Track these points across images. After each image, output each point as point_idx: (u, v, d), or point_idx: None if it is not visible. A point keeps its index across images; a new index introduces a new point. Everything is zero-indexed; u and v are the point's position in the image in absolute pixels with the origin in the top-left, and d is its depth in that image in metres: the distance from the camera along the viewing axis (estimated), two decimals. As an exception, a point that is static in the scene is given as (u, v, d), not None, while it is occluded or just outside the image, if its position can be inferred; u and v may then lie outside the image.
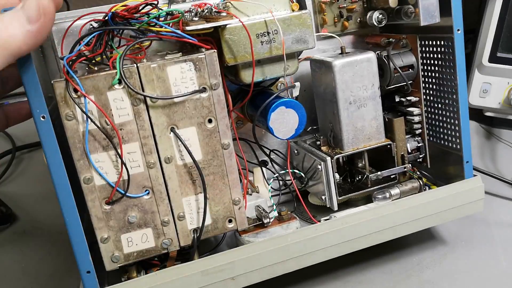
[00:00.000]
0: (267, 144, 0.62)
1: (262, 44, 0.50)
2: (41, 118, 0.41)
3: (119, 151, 0.44)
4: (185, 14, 0.48)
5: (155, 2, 0.47)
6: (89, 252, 0.45)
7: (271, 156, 0.61)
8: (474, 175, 0.55)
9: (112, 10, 0.49)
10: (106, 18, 0.49)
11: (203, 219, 0.48)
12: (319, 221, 0.55)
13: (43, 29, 0.37)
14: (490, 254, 0.59)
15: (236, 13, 0.49)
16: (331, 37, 0.60)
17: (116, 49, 0.49)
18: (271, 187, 0.60)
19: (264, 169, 0.61)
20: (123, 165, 0.44)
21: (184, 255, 0.51)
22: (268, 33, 0.50)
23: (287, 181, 0.61)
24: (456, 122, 0.55)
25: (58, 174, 0.42)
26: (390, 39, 0.57)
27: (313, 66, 0.57)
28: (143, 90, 0.44)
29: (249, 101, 0.57)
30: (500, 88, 0.76)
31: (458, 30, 0.51)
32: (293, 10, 0.52)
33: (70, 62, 0.43)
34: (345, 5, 0.60)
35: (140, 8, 0.46)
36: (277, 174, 0.59)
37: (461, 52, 0.52)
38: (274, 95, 0.53)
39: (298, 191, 0.57)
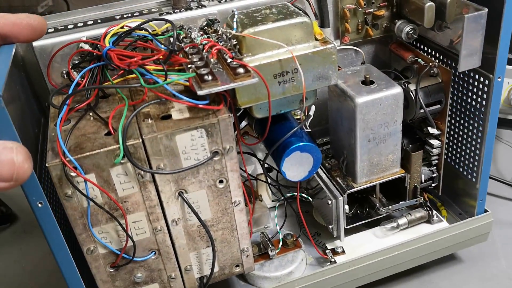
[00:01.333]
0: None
1: (279, 84, 0.44)
2: (39, 205, 0.37)
3: (122, 222, 0.41)
4: (194, 59, 0.41)
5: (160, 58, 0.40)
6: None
7: (277, 174, 0.58)
8: (486, 211, 0.54)
9: (107, 43, 0.42)
10: (99, 48, 0.43)
11: (211, 271, 0.46)
12: (324, 250, 0.54)
13: (7, 189, 0.32)
14: (490, 254, 0.60)
15: (251, 51, 0.42)
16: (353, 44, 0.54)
17: (112, 81, 0.43)
18: (273, 193, 0.58)
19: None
20: (128, 237, 0.41)
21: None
22: (287, 72, 0.44)
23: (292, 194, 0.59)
24: (478, 158, 0.52)
25: (62, 255, 0.40)
26: (419, 59, 0.51)
27: (331, 87, 0.52)
28: (149, 161, 0.39)
29: (258, 120, 0.53)
30: None
31: (499, 78, 0.45)
32: (316, 39, 0.45)
33: (64, 132, 0.38)
34: (372, 10, 0.52)
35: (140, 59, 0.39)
36: (283, 198, 0.56)
37: (498, 98, 0.47)
38: (290, 134, 0.48)
39: (303, 218, 0.55)
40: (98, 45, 0.43)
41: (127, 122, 0.38)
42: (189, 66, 0.40)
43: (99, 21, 0.48)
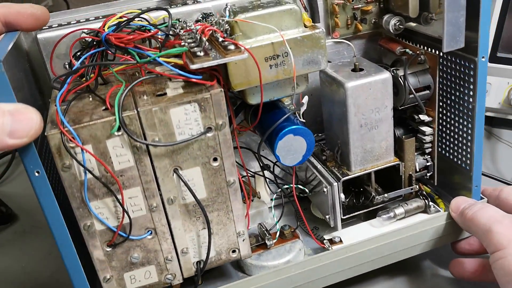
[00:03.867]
0: (270, 153, 0.59)
1: (270, 68, 0.46)
2: (36, 174, 0.38)
3: (119, 197, 0.42)
4: (187, 40, 0.43)
5: (156, 33, 0.42)
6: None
7: (273, 166, 0.59)
8: (482, 198, 0.54)
9: (107, 30, 0.45)
10: (99, 33, 0.45)
11: (207, 254, 0.47)
12: (322, 240, 0.54)
13: (18, 147, 0.35)
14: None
15: (243, 35, 0.44)
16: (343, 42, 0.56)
17: (112, 68, 0.45)
18: (271, 192, 0.59)
19: (265, 173, 0.60)
20: (125, 212, 0.42)
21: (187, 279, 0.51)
22: (278, 56, 0.46)
23: (289, 187, 0.60)
24: (469, 144, 0.52)
25: (57, 226, 0.40)
26: (407, 50, 0.53)
27: (323, 78, 0.54)
28: (144, 135, 0.41)
29: (253, 111, 0.54)
30: (500, 88, 0.74)
31: (483, 57, 0.47)
32: (305, 26, 0.47)
33: (63, 107, 0.39)
34: (360, 5, 0.55)
35: (138, 37, 0.42)
36: (280, 189, 0.57)
37: (484, 78, 0.48)
38: (282, 119, 0.49)
39: (300, 208, 0.55)
40: (98, 33, 0.46)
41: (123, 95, 0.40)
42: (182, 44, 0.42)
43: (100, 17, 0.51)
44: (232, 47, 0.41)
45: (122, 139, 0.40)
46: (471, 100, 0.50)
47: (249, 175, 0.59)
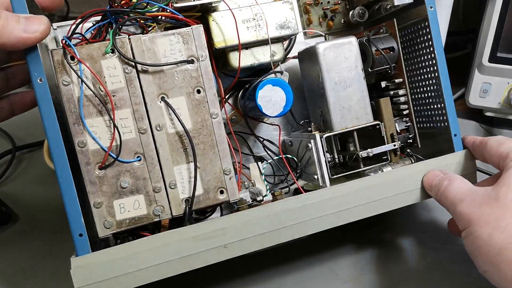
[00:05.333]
0: (260, 135, 0.63)
1: (248, 29, 0.54)
2: (39, 81, 0.44)
3: (112, 115, 0.46)
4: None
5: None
6: (82, 215, 0.46)
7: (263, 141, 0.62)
8: (464, 148, 0.56)
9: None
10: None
11: (194, 187, 0.49)
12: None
13: (29, 41, 0.43)
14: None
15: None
16: (318, 36, 0.65)
17: (112, 38, 0.53)
18: (266, 181, 0.61)
19: (260, 165, 0.63)
20: (116, 129, 0.46)
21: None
22: (253, 19, 0.54)
23: (283, 173, 0.62)
24: (441, 99, 0.56)
25: (54, 134, 0.45)
26: (372, 31, 0.61)
27: (300, 58, 0.61)
28: (135, 64, 0.47)
29: (241, 94, 0.60)
30: (500, 88, 0.75)
31: (431, 7, 0.54)
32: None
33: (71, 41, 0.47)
34: (328, 7, 0.65)
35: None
36: (270, 160, 0.60)
37: (436, 28, 0.55)
38: (262, 77, 0.56)
39: (294, 176, 0.57)
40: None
41: (117, 26, 0.47)
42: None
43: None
44: (210, -5, 0.50)
45: (115, 61, 0.47)
46: (432, 55, 0.56)
47: (241, 162, 0.62)
